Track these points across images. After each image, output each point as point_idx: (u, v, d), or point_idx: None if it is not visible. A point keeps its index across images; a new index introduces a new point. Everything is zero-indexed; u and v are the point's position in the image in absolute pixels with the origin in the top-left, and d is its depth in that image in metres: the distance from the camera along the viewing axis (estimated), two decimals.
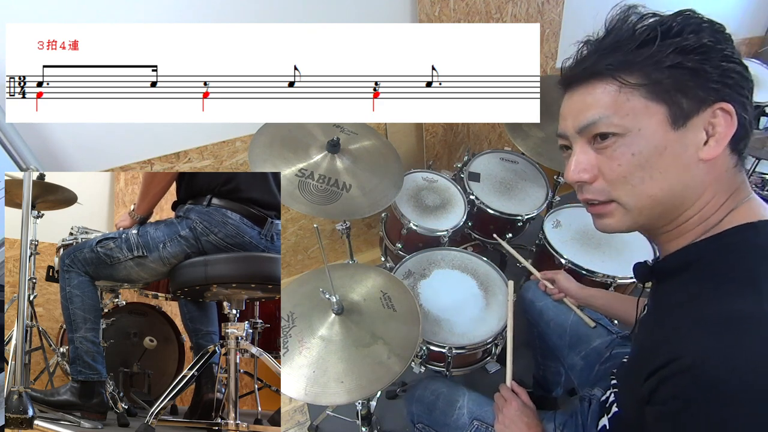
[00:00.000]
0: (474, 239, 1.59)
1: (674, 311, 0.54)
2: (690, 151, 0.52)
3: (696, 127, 0.51)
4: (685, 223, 0.56)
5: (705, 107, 0.51)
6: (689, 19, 0.52)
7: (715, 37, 0.51)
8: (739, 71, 0.51)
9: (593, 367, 0.99)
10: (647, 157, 0.53)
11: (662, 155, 0.52)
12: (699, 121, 0.51)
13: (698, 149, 0.52)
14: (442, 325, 1.13)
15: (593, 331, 1.06)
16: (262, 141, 1.13)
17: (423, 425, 0.98)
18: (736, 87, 0.51)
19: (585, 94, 0.56)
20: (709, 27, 0.52)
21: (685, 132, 0.52)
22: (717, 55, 0.50)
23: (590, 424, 0.85)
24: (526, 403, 0.88)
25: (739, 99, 0.51)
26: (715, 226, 0.54)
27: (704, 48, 0.50)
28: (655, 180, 0.53)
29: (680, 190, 0.54)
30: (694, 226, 0.55)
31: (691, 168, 0.52)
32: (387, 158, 1.25)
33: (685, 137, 0.52)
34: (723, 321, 0.46)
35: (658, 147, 0.52)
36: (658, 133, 0.52)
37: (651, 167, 0.53)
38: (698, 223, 0.55)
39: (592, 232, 1.39)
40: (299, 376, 0.82)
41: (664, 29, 0.51)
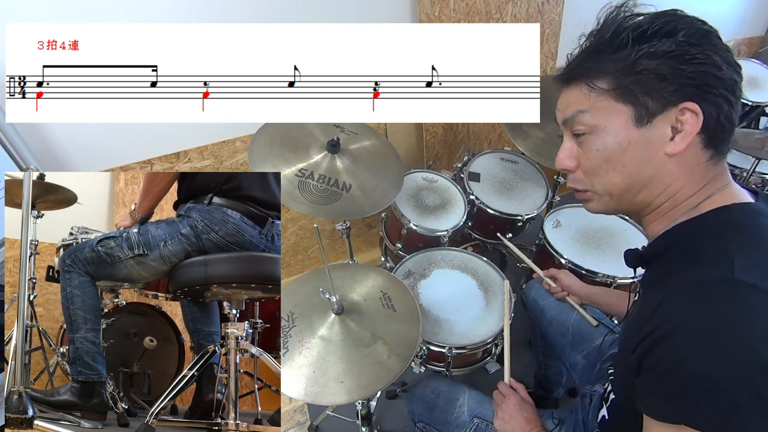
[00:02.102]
0: (474, 239, 1.59)
1: (654, 288, 0.59)
2: (655, 146, 0.56)
3: (662, 125, 0.55)
4: (658, 208, 0.61)
5: (671, 106, 0.54)
6: (667, 22, 0.54)
7: (693, 38, 0.53)
8: (710, 72, 0.53)
9: (595, 366, 1.00)
10: (611, 152, 0.59)
11: (626, 150, 0.58)
12: (665, 118, 0.55)
13: (664, 144, 0.56)
14: (442, 325, 1.13)
15: (595, 330, 1.06)
16: (262, 141, 1.13)
17: (424, 424, 0.98)
18: (705, 87, 0.53)
19: (568, 92, 0.63)
20: (687, 28, 0.53)
21: (650, 129, 0.56)
22: (687, 58, 0.53)
23: (591, 419, 0.85)
24: (525, 398, 0.88)
25: (710, 98, 0.53)
26: (693, 210, 0.58)
27: (672, 53, 0.53)
28: (619, 172, 0.60)
29: (645, 180, 0.59)
30: (667, 210, 0.60)
31: (655, 161, 0.57)
32: (387, 158, 1.25)
33: (649, 133, 0.56)
34: (696, 288, 0.50)
35: (621, 143, 0.58)
36: (622, 131, 0.58)
37: (615, 161, 0.59)
38: (671, 207, 0.60)
39: (592, 232, 1.39)
40: (299, 376, 0.82)
41: (636, 35, 0.54)
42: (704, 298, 0.48)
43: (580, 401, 0.93)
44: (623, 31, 0.56)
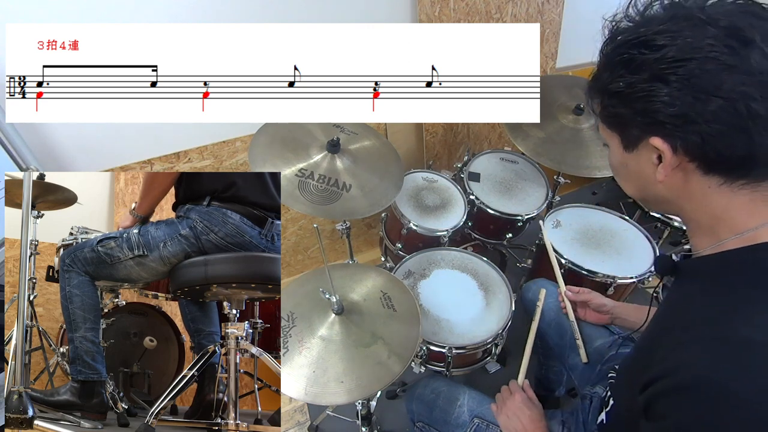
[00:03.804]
0: (474, 239, 1.59)
1: (683, 318, 0.53)
2: (647, 171, 0.55)
3: (645, 153, 0.54)
4: (688, 225, 0.58)
5: (642, 140, 0.53)
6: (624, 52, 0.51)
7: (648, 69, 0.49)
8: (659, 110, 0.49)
9: (594, 367, 1.00)
10: (617, 167, 0.61)
11: (626, 168, 0.59)
12: (646, 147, 0.54)
13: (654, 170, 0.54)
14: (442, 325, 1.13)
15: (595, 332, 1.06)
16: (262, 141, 1.13)
17: (423, 424, 0.98)
18: (659, 124, 0.50)
19: None
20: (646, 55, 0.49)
21: (638, 153, 0.55)
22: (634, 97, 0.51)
23: (591, 421, 0.85)
24: (532, 398, 0.87)
25: (675, 132, 0.49)
26: (743, 237, 0.51)
27: (621, 93, 0.52)
28: (630, 183, 0.61)
29: (656, 196, 0.58)
30: (699, 233, 0.56)
31: (654, 184, 0.55)
32: (387, 158, 1.25)
33: (639, 158, 0.56)
34: (731, 345, 0.45)
35: (621, 162, 0.59)
36: (618, 151, 0.59)
37: (621, 175, 0.62)
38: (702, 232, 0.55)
39: (593, 232, 1.39)
40: (299, 376, 0.82)
41: (604, 62, 0.54)
42: (733, 359, 0.43)
43: (580, 402, 0.93)
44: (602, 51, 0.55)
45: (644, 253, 1.30)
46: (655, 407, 0.48)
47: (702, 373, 0.44)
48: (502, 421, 0.86)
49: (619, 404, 0.68)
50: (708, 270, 0.55)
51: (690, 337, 0.49)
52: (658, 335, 0.57)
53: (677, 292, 0.61)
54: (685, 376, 0.45)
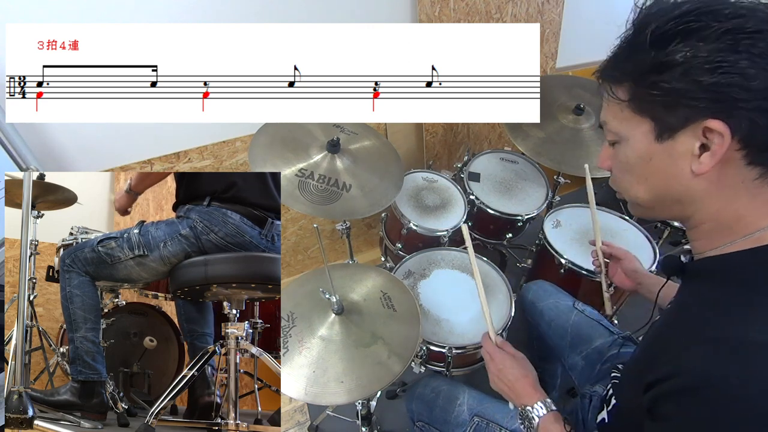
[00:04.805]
0: (474, 239, 1.59)
1: (689, 319, 0.53)
2: (680, 163, 0.50)
3: (686, 140, 0.49)
4: (699, 227, 0.55)
5: (691, 123, 0.48)
6: (690, 21, 0.46)
7: (720, 40, 0.45)
8: (735, 83, 0.44)
9: (594, 367, 1.00)
10: (633, 164, 0.55)
11: (648, 164, 0.53)
12: (690, 132, 0.48)
13: (690, 161, 0.49)
14: (442, 325, 1.13)
15: (594, 332, 1.06)
16: (262, 141, 1.13)
17: (423, 423, 0.98)
18: (730, 102, 0.45)
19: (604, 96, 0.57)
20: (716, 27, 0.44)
21: (672, 144, 0.50)
22: (707, 67, 0.45)
23: (590, 419, 0.85)
24: (513, 355, 0.83)
25: (739, 114, 0.45)
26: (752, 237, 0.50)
27: (688, 63, 0.46)
28: (642, 185, 0.55)
29: (674, 196, 0.53)
30: (712, 232, 0.53)
31: (682, 178, 0.51)
32: (387, 158, 1.25)
33: (672, 149, 0.50)
34: (735, 346, 0.44)
35: (643, 157, 0.53)
36: (643, 144, 0.53)
37: (637, 174, 0.55)
38: (715, 230, 0.53)
39: (592, 232, 1.38)
40: (299, 376, 0.82)
41: (655, 38, 0.47)
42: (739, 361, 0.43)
43: (579, 401, 0.93)
44: (644, 30, 0.48)
45: (644, 253, 1.30)
46: (659, 408, 0.48)
47: (708, 374, 0.44)
48: (495, 387, 0.82)
49: (623, 404, 0.67)
50: (716, 271, 0.54)
51: (696, 338, 0.48)
52: (664, 335, 0.56)
53: (684, 293, 0.60)
54: (690, 378, 0.45)
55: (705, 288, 0.54)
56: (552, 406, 0.75)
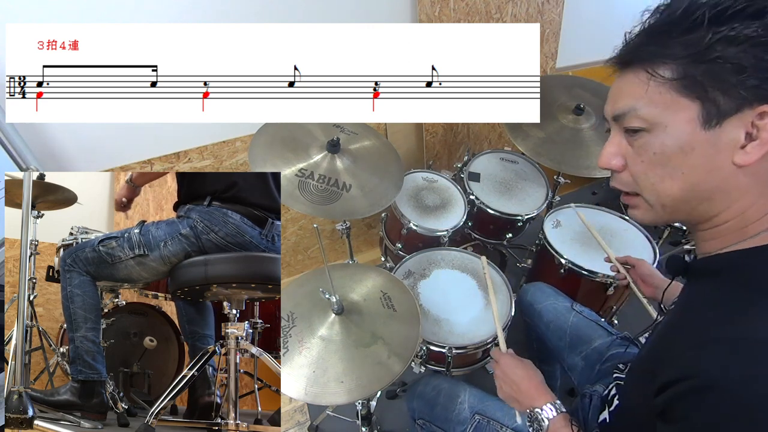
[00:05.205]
0: (474, 239, 1.59)
1: (698, 318, 0.52)
2: (723, 153, 0.47)
3: (733, 128, 0.46)
4: (720, 226, 0.52)
5: (746, 107, 0.45)
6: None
7: None
8: None
9: (594, 367, 1.00)
10: (670, 156, 0.50)
11: (688, 155, 0.49)
12: (737, 121, 0.46)
13: (734, 152, 0.46)
14: (442, 325, 1.13)
15: (593, 332, 1.06)
16: (262, 141, 1.13)
17: (424, 421, 0.98)
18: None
19: (623, 80, 0.53)
20: None
21: (718, 132, 0.47)
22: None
23: (591, 419, 0.85)
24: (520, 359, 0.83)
25: None
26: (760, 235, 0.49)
27: (757, 39, 0.43)
28: (676, 180, 0.51)
29: (708, 192, 0.50)
30: (731, 231, 0.51)
31: (722, 171, 0.48)
32: (387, 158, 1.25)
33: (718, 138, 0.47)
34: (752, 344, 0.43)
35: (684, 147, 0.49)
36: (686, 132, 0.48)
37: (673, 167, 0.50)
38: (737, 228, 0.51)
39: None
40: (299, 376, 0.82)
41: (715, 13, 0.44)
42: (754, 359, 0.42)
43: (580, 401, 0.93)
44: (699, 8, 0.45)
45: (644, 253, 1.29)
46: (675, 410, 0.47)
47: (724, 373, 0.43)
48: (502, 395, 0.82)
49: (627, 405, 0.67)
50: (721, 270, 0.52)
51: (708, 337, 0.47)
52: (670, 336, 0.55)
53: (689, 293, 0.59)
54: (706, 377, 0.44)
55: (711, 287, 0.53)
56: (562, 407, 0.74)
